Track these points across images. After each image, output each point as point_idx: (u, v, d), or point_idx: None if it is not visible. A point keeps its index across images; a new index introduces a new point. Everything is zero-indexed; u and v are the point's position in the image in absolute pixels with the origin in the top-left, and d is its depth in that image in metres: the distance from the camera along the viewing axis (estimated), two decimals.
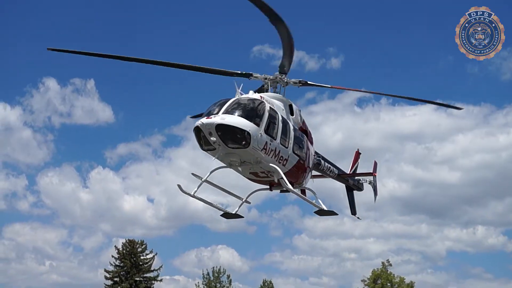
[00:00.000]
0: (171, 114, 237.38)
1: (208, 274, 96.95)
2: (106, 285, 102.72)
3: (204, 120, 19.73)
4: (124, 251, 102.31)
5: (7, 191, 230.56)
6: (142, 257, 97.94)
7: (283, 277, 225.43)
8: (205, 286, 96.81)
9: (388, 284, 73.87)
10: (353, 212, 33.96)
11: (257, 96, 21.59)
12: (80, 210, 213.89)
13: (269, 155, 20.79)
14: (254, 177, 22.70)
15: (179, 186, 22.45)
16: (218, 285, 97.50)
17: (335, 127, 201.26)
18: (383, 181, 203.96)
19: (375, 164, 34.90)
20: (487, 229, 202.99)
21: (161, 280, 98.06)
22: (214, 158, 21.05)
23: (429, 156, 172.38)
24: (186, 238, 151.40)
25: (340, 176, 31.06)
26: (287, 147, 21.81)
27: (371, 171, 34.07)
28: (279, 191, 24.06)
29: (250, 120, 19.97)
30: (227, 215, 25.30)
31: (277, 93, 23.67)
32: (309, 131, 25.23)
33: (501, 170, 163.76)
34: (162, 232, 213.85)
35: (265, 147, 20.44)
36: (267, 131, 20.58)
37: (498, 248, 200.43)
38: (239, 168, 22.07)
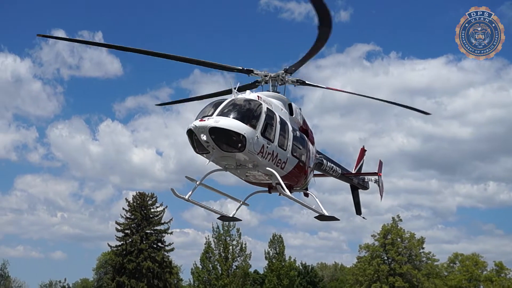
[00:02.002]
0: (179, 67, 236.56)
1: (217, 227, 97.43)
2: (117, 237, 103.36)
3: (197, 122, 18.90)
4: (135, 204, 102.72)
5: (18, 143, 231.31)
6: (152, 210, 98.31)
7: (292, 232, 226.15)
8: (215, 239, 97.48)
9: (398, 239, 74.22)
10: (358, 212, 33.36)
11: (254, 96, 20.75)
12: (90, 163, 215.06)
13: (266, 159, 20.06)
14: (252, 179, 21.97)
15: (172, 190, 22.01)
16: (228, 238, 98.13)
17: (344, 81, 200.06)
18: (392, 135, 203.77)
19: (380, 163, 34.17)
20: (498, 185, 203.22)
21: (171, 233, 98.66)
22: (208, 161, 20.13)
23: (439, 111, 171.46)
24: (195, 191, 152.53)
25: (344, 175, 29.99)
26: (285, 150, 21.00)
27: (376, 171, 33.01)
28: (278, 193, 22.73)
29: (246, 123, 19.22)
30: (224, 218, 24.95)
31: (275, 91, 22.90)
32: (310, 130, 24.47)
33: None
34: (171, 185, 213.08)
35: (262, 151, 19.72)
36: (264, 133, 19.79)
37: (510, 204, 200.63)
38: (236, 171, 21.25)
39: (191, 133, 19.07)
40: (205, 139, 18.69)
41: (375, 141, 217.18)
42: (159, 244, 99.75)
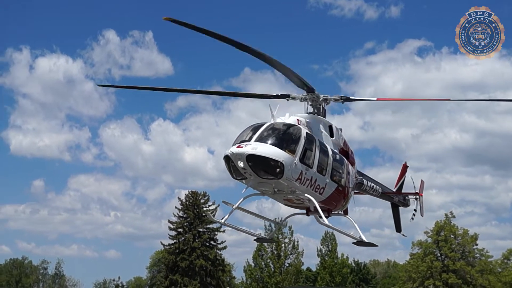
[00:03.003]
0: (229, 66, 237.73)
1: (270, 225, 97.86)
2: (170, 235, 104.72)
3: (234, 149, 18.51)
4: (188, 203, 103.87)
5: (71, 143, 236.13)
6: (204, 209, 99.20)
7: (345, 229, 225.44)
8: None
9: (452, 236, 73.57)
10: (398, 229, 32.96)
11: (293, 119, 20.30)
12: (143, 162, 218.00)
13: (304, 185, 19.56)
14: (289, 203, 21.55)
15: (208, 214, 22.41)
16: (280, 236, 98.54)
17: (395, 77, 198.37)
18: (445, 131, 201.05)
19: (422, 183, 33.40)
20: None
21: (223, 231, 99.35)
22: (245, 188, 19.82)
23: (492, 106, 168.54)
24: (247, 190, 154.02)
25: (385, 194, 29.44)
26: (324, 175, 20.45)
27: (418, 191, 32.52)
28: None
29: (284, 149, 18.72)
30: (260, 240, 25.16)
31: (315, 112, 22.37)
32: (351, 151, 23.97)
33: None
34: (223, 183, 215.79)
35: (300, 177, 19.23)
36: (303, 159, 19.27)
37: None
38: (273, 196, 20.79)
39: (228, 159, 18.80)
40: (242, 166, 18.36)
41: (428, 137, 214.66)
42: (212, 242, 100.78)
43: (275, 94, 22.63)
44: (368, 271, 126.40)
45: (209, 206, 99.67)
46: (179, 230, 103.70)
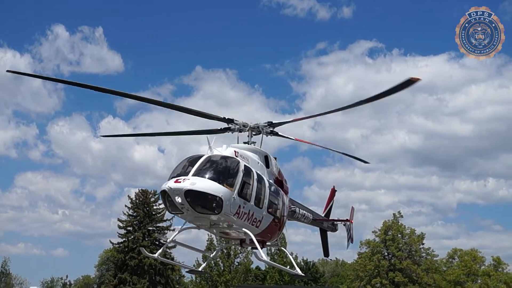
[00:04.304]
0: (181, 64, 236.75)
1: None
2: (119, 234, 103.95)
3: (172, 184, 17.88)
4: (137, 201, 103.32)
5: (18, 140, 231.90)
6: (154, 207, 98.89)
7: (294, 228, 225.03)
8: (217, 236, 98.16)
9: (399, 235, 74.84)
10: (326, 254, 33.39)
11: (230, 151, 19.90)
12: (92, 160, 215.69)
13: (241, 219, 19.17)
14: (225, 235, 21.40)
15: (142, 249, 22.37)
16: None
17: (346, 78, 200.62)
18: (394, 132, 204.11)
19: (352, 209, 33.81)
20: (498, 181, 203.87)
21: (173, 230, 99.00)
22: (184, 223, 19.87)
23: (441, 107, 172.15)
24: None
25: (315, 221, 29.54)
26: (261, 208, 20.09)
27: (348, 218, 32.84)
28: (250, 248, 22.27)
29: (223, 183, 18.26)
30: (192, 272, 24.98)
31: (251, 142, 22.25)
32: (285, 180, 23.68)
33: None
34: None
35: (238, 211, 18.82)
36: (241, 193, 18.87)
37: (509, 200, 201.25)
38: (209, 230, 20.52)
39: (165, 194, 18.31)
40: (180, 201, 17.85)
41: (378, 137, 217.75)
42: (161, 241, 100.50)
43: (221, 116, 21.99)
44: (317, 270, 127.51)
45: (159, 204, 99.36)
46: (129, 228, 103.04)
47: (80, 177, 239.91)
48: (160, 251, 21.24)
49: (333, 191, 33.30)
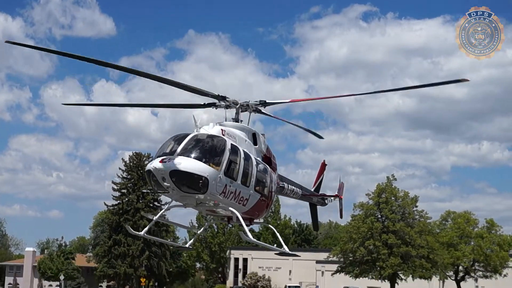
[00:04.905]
0: (173, 27, 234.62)
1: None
2: (113, 196, 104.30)
3: (157, 164, 17.71)
4: (131, 164, 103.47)
5: (11, 103, 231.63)
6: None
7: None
8: None
9: (393, 198, 74.98)
10: (315, 228, 33.32)
11: (217, 130, 19.62)
12: (85, 123, 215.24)
13: (228, 198, 19.05)
14: (212, 213, 21.31)
15: (127, 227, 22.06)
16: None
17: (340, 42, 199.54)
18: (388, 95, 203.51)
19: (341, 185, 33.56)
20: (492, 144, 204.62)
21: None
22: (169, 202, 19.81)
23: (435, 71, 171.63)
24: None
25: (304, 196, 29.20)
26: (248, 186, 19.97)
27: (336, 193, 32.65)
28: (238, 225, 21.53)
29: (209, 163, 18.12)
30: (180, 248, 24.41)
31: (238, 119, 21.94)
32: (273, 157, 23.51)
33: (508, 85, 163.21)
34: None
35: (224, 191, 18.67)
36: (227, 172, 18.72)
37: (503, 163, 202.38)
38: (196, 208, 20.24)
39: (149, 174, 18.16)
40: (165, 181, 17.74)
41: (371, 101, 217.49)
42: (156, 203, 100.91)
43: (202, 103, 21.69)
44: (310, 232, 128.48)
45: None
46: (123, 191, 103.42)
47: (73, 140, 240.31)
48: (146, 229, 21.15)
49: (323, 166, 33.13)
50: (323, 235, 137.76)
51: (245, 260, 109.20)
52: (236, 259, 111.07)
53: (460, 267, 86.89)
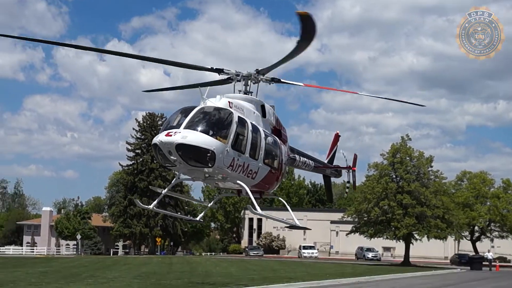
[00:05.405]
0: None
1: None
2: (128, 156, 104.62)
3: (163, 138, 17.54)
4: (145, 124, 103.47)
5: (24, 63, 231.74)
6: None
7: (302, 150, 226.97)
8: None
9: (407, 158, 74.35)
10: (330, 199, 32.91)
11: (224, 102, 19.35)
12: (98, 83, 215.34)
13: (236, 171, 18.92)
14: (221, 187, 21.18)
15: (136, 201, 21.81)
16: None
17: (353, 0, 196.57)
18: (402, 54, 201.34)
19: (355, 157, 33.04)
20: (509, 103, 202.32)
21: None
22: (177, 175, 19.77)
23: (450, 28, 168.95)
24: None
25: (317, 168, 28.95)
26: (257, 159, 19.81)
27: (350, 165, 32.08)
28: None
29: (216, 136, 17.92)
30: (190, 221, 24.10)
31: (247, 91, 21.56)
32: (283, 128, 23.33)
33: None
34: (180, 105, 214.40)
35: (232, 164, 18.55)
36: (235, 145, 18.50)
37: None
38: (204, 181, 20.25)
39: (156, 147, 18.00)
40: (171, 155, 17.62)
41: (385, 60, 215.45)
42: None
43: (209, 67, 21.18)
44: (324, 193, 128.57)
45: None
46: (137, 151, 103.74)
47: (87, 100, 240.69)
48: (155, 202, 21.12)
49: (337, 136, 32.61)
50: (337, 195, 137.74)
51: (259, 220, 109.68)
52: (251, 219, 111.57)
53: (476, 228, 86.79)
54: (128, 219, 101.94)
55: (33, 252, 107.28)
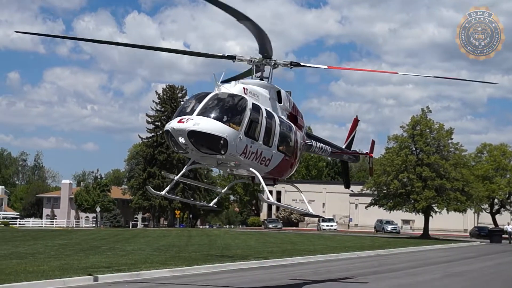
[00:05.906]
0: None
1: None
2: (148, 129, 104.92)
3: (175, 124, 17.19)
4: (165, 96, 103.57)
5: (45, 36, 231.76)
6: (182, 103, 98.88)
7: (321, 123, 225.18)
8: None
9: (427, 130, 73.87)
10: (347, 185, 32.47)
11: (239, 88, 18.87)
12: (118, 56, 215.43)
13: (249, 158, 18.57)
14: (235, 173, 20.70)
15: (148, 188, 21.63)
16: None
17: None
18: (422, 26, 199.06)
19: (373, 143, 32.60)
20: None
21: None
22: (189, 162, 19.45)
23: (471, 0, 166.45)
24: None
25: (334, 153, 28.38)
26: (270, 146, 19.44)
27: (368, 151, 31.73)
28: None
29: (228, 123, 17.54)
30: (203, 206, 23.53)
31: (264, 76, 20.96)
32: (300, 114, 22.69)
33: None
34: (199, 77, 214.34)
35: (245, 151, 18.21)
36: (248, 133, 18.10)
37: None
38: (217, 167, 19.93)
39: (168, 134, 17.53)
40: (183, 142, 17.18)
41: (406, 32, 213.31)
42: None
43: (221, 54, 20.60)
44: None
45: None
46: (157, 123, 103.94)
47: (107, 73, 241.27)
48: (167, 188, 20.88)
49: (356, 121, 32.24)
50: (357, 168, 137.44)
51: (278, 192, 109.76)
52: (270, 192, 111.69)
53: (496, 200, 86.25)
54: (147, 192, 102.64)
55: (52, 224, 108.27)
